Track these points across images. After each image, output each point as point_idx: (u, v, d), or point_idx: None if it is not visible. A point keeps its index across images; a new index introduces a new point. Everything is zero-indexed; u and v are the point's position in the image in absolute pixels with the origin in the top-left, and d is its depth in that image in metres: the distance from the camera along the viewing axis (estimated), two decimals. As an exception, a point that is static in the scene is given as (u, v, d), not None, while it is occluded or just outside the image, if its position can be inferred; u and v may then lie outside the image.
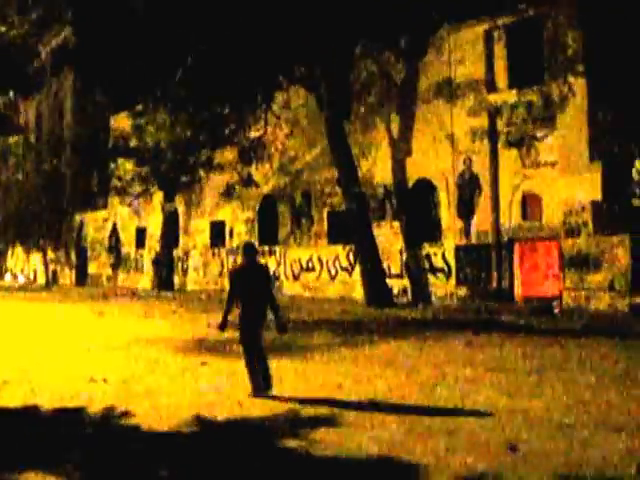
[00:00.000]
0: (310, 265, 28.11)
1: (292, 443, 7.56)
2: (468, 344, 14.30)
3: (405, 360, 12.64)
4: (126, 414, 9.07)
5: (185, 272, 34.29)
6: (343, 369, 11.79)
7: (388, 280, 24.30)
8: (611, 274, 20.26)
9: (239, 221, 31.07)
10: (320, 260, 27.72)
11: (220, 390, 10.23)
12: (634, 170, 20.01)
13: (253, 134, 29.16)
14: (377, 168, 25.77)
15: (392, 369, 11.72)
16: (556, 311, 20.64)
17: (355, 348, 14.20)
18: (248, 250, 9.95)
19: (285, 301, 25.60)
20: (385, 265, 24.59)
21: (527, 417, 8.30)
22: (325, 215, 27.79)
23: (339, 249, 27.00)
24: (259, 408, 9.08)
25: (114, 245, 40.54)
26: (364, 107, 25.37)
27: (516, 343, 14.35)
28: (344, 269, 27.01)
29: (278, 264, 29.31)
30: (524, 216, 22.42)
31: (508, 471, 6.48)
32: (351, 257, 26.59)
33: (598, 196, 20.59)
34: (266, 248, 29.75)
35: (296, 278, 28.60)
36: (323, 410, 8.90)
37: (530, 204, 22.29)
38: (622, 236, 20.07)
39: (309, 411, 8.90)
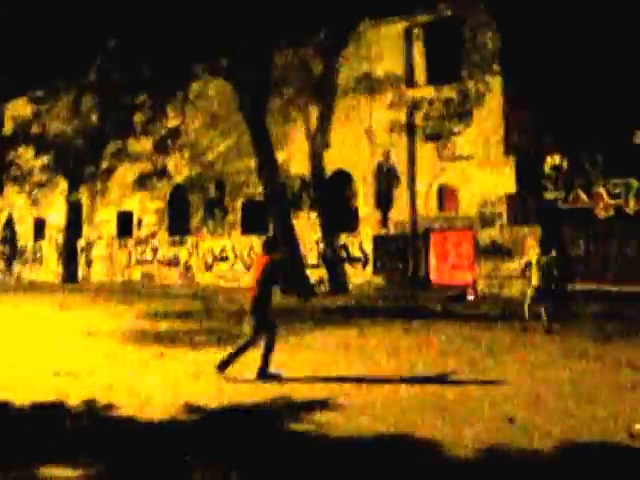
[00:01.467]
0: (224, 255, 26.83)
1: (301, 426, 7.16)
2: (406, 330, 14.23)
3: (360, 346, 12.40)
4: (110, 407, 8.14)
5: (89, 264, 32.17)
6: (308, 355, 11.44)
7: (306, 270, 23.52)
8: (522, 262, 20.20)
9: (148, 211, 29.41)
10: (234, 250, 26.52)
11: (194, 378, 9.60)
12: (546, 164, 20.07)
13: (170, 124, 27.57)
14: (294, 160, 24.99)
15: (353, 354, 11.50)
16: (470, 298, 20.54)
17: (302, 336, 13.78)
18: (272, 246, 10.41)
19: (199, 291, 24.59)
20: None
21: (505, 392, 8.41)
22: (239, 205, 26.62)
23: (254, 239, 25.97)
24: (246, 394, 8.54)
25: (8, 237, 37.58)
26: (282, 99, 24.35)
27: (449, 328, 14.62)
28: (257, 259, 25.89)
29: (190, 254, 27.90)
30: (441, 207, 22.24)
31: (515, 441, 6.48)
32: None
33: (512, 189, 20.65)
34: (177, 237, 28.25)
35: (208, 268, 27.27)
36: (314, 393, 8.54)
37: (447, 196, 22.15)
38: (533, 227, 20.13)
39: (301, 395, 8.49)
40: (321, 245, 24.40)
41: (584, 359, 10.80)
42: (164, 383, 9.39)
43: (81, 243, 32.66)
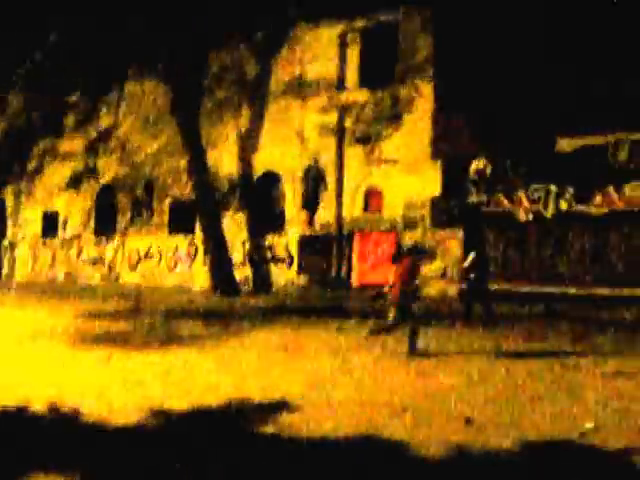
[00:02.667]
0: (150, 255, 25.24)
1: (266, 429, 6.58)
2: (339, 330, 13.69)
3: (300, 346, 11.81)
4: (76, 412, 7.21)
5: (13, 263, 29.95)
6: (252, 356, 10.74)
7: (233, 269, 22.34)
8: (444, 263, 19.55)
9: (75, 211, 27.55)
10: (160, 250, 24.98)
11: (149, 380, 8.81)
12: (470, 169, 19.47)
13: (102, 124, 26.05)
14: (224, 160, 23.76)
15: (296, 354, 10.94)
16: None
17: (241, 336, 13.02)
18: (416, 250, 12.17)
19: (125, 290, 23.09)
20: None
21: (456, 392, 8.03)
22: (167, 206, 25.22)
23: (180, 239, 24.61)
24: (207, 397, 7.79)
25: None
26: (215, 100, 23.21)
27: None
28: (185, 259, 24.48)
29: (115, 254, 26.18)
30: (366, 209, 21.38)
31: (475, 441, 6.06)
32: (192, 248, 24.17)
33: (437, 192, 19.96)
34: (103, 237, 26.52)
35: (134, 267, 25.59)
36: (270, 394, 7.88)
37: (372, 198, 21.31)
38: (456, 229, 19.48)
39: (258, 396, 7.83)
40: (247, 245, 23.20)
41: (519, 358, 10.17)
42: (121, 386, 8.48)
43: (4, 243, 30.45)
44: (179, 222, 24.63)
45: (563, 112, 17.98)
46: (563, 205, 18.34)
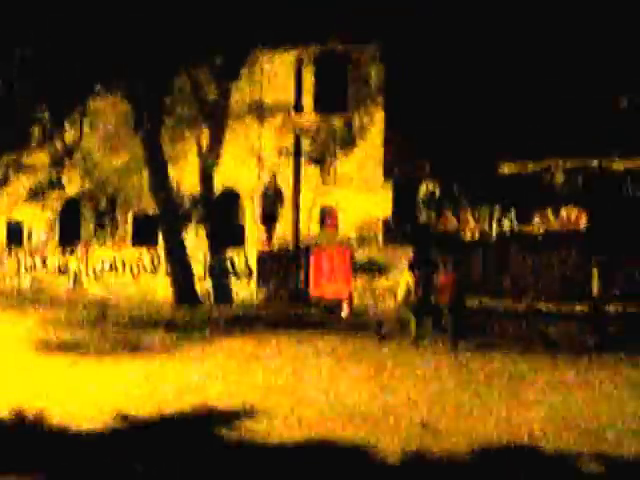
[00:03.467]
0: (113, 266, 24.94)
1: (229, 435, 6.47)
2: (299, 340, 13.78)
3: (261, 355, 11.88)
4: (41, 416, 7.14)
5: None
6: (215, 364, 10.80)
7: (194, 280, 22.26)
8: (395, 279, 19.75)
9: (39, 222, 27.00)
10: (123, 261, 24.72)
11: (113, 387, 8.75)
12: (420, 191, 19.77)
13: (67, 138, 25.55)
14: (186, 177, 23.53)
15: (257, 363, 10.91)
16: (344, 314, 19.86)
17: (204, 346, 13.04)
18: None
19: (90, 300, 22.79)
20: (190, 268, 22.42)
21: (410, 400, 8.05)
22: (130, 218, 24.92)
23: (143, 251, 24.40)
24: (171, 403, 7.71)
25: None
26: (177, 119, 22.97)
27: (340, 338, 14.34)
28: (147, 271, 24.23)
29: (80, 265, 25.77)
30: (322, 226, 21.53)
31: (433, 445, 6.09)
32: (155, 260, 23.96)
33: (388, 212, 20.19)
34: (68, 248, 26.08)
35: (98, 278, 25.27)
36: (233, 402, 7.80)
37: (328, 216, 21.46)
38: (407, 247, 19.69)
39: (221, 403, 7.75)
40: (208, 258, 23.05)
41: (464, 369, 10.35)
42: (85, 393, 8.41)
43: (-33, 252, 29.61)
44: (142, 235, 24.35)
45: (505, 139, 18.40)
46: (506, 225, 18.75)
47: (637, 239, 16.99)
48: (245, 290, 22.33)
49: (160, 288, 23.32)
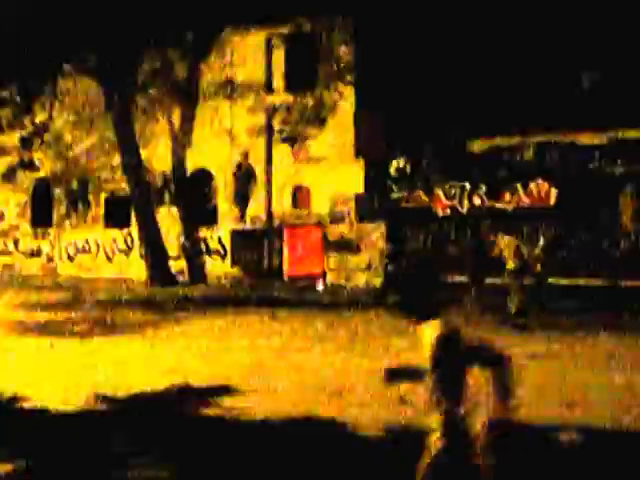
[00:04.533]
0: (86, 247, 23.68)
1: (211, 411, 6.28)
2: (275, 317, 13.25)
3: (238, 332, 11.37)
4: (17, 398, 6.79)
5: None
6: (192, 342, 10.29)
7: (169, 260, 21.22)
8: (369, 256, 19.01)
9: (10, 204, 25.54)
10: (97, 243, 23.49)
11: (91, 368, 8.32)
12: (391, 167, 18.89)
13: (37, 119, 24.16)
14: (158, 157, 22.34)
15: (235, 340, 10.43)
16: (319, 288, 19.08)
17: (180, 324, 12.52)
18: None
19: (64, 281, 21.69)
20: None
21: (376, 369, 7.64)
22: (102, 200, 23.68)
23: (116, 232, 23.24)
24: (149, 382, 7.39)
25: None
26: (148, 98, 21.74)
27: (310, 315, 13.72)
28: (121, 251, 23.15)
29: (52, 246, 24.41)
30: (294, 205, 20.57)
31: (411, 420, 5.72)
32: (128, 240, 22.84)
33: (360, 189, 19.32)
34: (40, 230, 24.72)
35: (71, 260, 23.95)
36: (213, 380, 7.45)
37: (300, 194, 20.53)
38: (379, 223, 18.95)
39: (201, 381, 7.43)
40: (182, 238, 22.00)
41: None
42: (62, 374, 8.00)
43: None
44: (115, 216, 23.19)
45: (474, 116, 17.62)
46: (476, 201, 18.05)
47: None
48: (219, 269, 21.40)
49: (134, 269, 22.26)
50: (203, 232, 21.73)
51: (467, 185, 18.07)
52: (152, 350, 9.73)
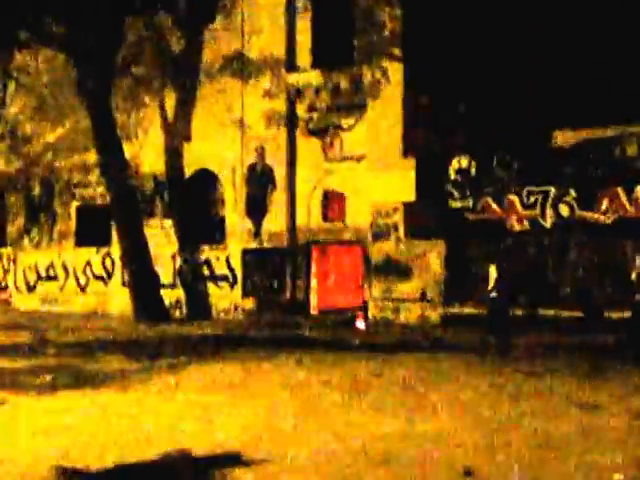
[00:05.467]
0: (51, 273, 24.78)
1: None
2: (298, 364, 13.69)
3: (249, 385, 11.71)
4: None
5: None
6: (192, 398, 10.57)
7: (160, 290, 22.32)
8: (423, 282, 19.87)
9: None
10: (65, 266, 24.56)
11: (55, 432, 8.41)
12: (451, 168, 19.79)
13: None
14: (147, 155, 23.68)
15: (245, 396, 10.74)
16: (359, 325, 19.95)
17: (176, 373, 12.79)
18: None
19: (22, 317, 22.58)
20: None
21: (449, 438, 8.01)
22: (73, 210, 24.90)
23: (92, 253, 24.40)
24: (134, 451, 7.51)
25: None
26: (133, 79, 22.92)
27: (348, 361, 14.08)
28: (98, 277, 24.23)
29: (6, 271, 25.55)
30: (325, 217, 21.67)
31: None
32: (107, 263, 23.89)
33: (411, 196, 20.30)
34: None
35: (31, 289, 25.09)
36: (218, 446, 7.70)
37: (332, 203, 21.61)
38: (436, 241, 19.83)
39: (203, 448, 7.62)
40: (178, 260, 23.17)
41: (520, 397, 10.33)
42: (16, 440, 8.13)
43: None
44: (90, 231, 24.36)
45: (560, 100, 18.36)
46: (564, 211, 18.80)
47: None
48: (226, 300, 22.43)
49: (115, 301, 23.38)
50: (206, 252, 22.76)
51: (552, 190, 18.87)
52: (139, 409, 9.88)
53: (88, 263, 24.47)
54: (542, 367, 12.96)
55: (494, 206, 19.43)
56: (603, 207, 18.40)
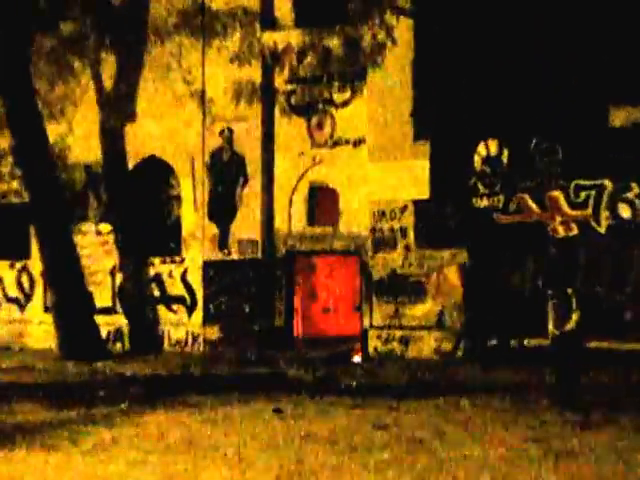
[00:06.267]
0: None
1: None
2: (278, 412, 13.75)
3: (216, 442, 11.60)
4: None
5: None
6: (139, 455, 10.62)
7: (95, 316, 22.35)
8: (439, 303, 20.02)
9: None
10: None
11: None
12: (476, 156, 19.93)
13: None
14: (77, 138, 23.76)
15: (207, 456, 10.64)
16: (356, 360, 20.13)
17: (116, 425, 12.93)
18: None
19: None
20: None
21: None
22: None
23: (4, 267, 24.69)
24: None
25: None
26: (58, 38, 22.98)
27: (342, 410, 14.10)
28: (12, 300, 24.46)
29: None
30: (311, 219, 21.84)
31: None
32: (24, 281, 24.13)
33: (424, 192, 20.48)
34: None
35: None
36: None
37: (322, 201, 21.72)
38: (457, 251, 19.96)
39: None
40: (119, 277, 23.34)
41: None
42: None
43: None
44: (1, 239, 24.47)
45: (617, 70, 18.57)
46: (624, 211, 19.01)
47: None
48: (183, 329, 22.65)
49: (35, 331, 23.56)
50: (156, 266, 22.98)
51: (607, 184, 19.08)
52: (64, 474, 9.87)
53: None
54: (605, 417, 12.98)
55: (532, 205, 19.62)
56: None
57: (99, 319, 22.25)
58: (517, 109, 19.29)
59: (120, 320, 23.14)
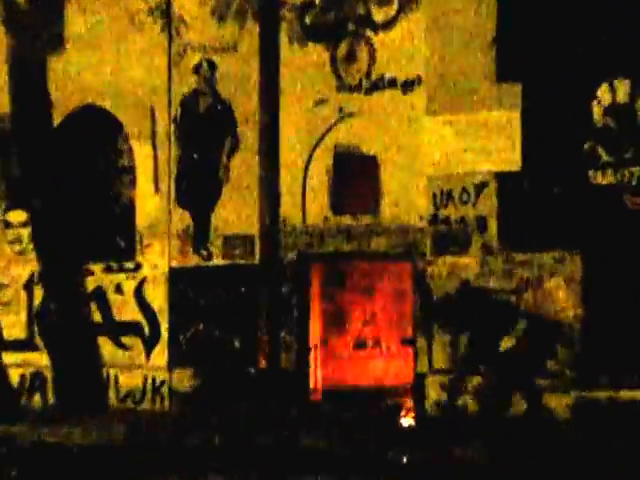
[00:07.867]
0: None
1: None
2: None
3: None
4: None
5: None
6: None
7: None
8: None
9: None
10: None
11: None
12: (595, 104, 19.86)
13: None
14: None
15: None
16: (406, 422, 20.25)
17: None
18: None
19: None
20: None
21: None
22: None
23: None
24: None
25: None
26: None
27: None
28: None
29: None
30: (337, 204, 21.70)
31: None
32: None
33: (513, 162, 20.32)
34: None
35: None
36: None
37: (353, 176, 21.59)
38: (565, 252, 19.87)
39: None
40: (39, 293, 23.42)
41: None
42: None
43: None
44: None
45: None
46: None
47: None
48: (138, 374, 22.77)
49: None
50: (96, 276, 23.08)
51: None
52: None
53: None
54: None
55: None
56: None
57: (7, 358, 22.65)
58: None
59: (40, 360, 23.24)
